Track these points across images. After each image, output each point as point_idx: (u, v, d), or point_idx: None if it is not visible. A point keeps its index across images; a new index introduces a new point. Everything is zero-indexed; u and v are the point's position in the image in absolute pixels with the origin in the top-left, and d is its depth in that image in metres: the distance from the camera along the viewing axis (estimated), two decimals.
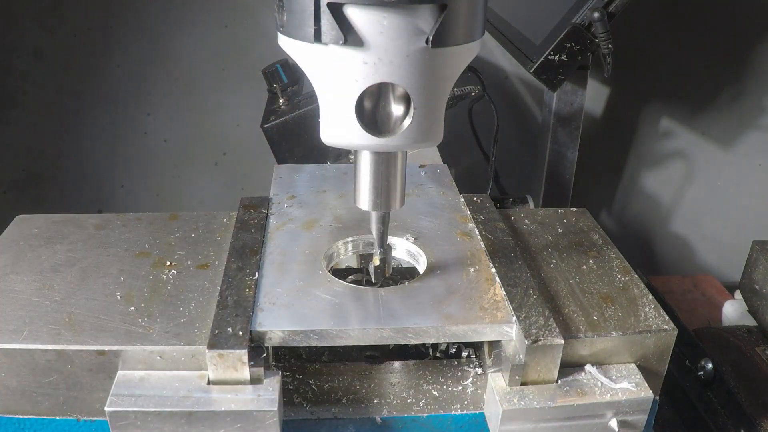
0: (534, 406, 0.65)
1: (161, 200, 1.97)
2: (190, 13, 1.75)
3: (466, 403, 0.71)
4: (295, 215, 0.89)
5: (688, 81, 1.86)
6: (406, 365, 0.76)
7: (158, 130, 1.88)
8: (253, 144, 1.76)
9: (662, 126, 1.93)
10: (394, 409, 0.70)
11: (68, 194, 1.92)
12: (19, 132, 1.82)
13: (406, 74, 0.57)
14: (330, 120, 0.61)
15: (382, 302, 0.71)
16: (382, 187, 0.67)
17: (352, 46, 0.55)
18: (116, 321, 0.69)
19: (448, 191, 0.97)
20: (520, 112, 1.92)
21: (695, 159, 1.97)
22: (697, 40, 1.82)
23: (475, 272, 0.77)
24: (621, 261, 0.83)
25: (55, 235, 0.85)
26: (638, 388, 0.67)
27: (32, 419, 0.68)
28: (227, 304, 0.69)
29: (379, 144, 0.61)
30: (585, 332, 0.69)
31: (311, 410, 0.69)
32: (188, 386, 0.64)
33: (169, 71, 1.80)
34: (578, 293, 0.76)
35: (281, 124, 1.29)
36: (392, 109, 0.61)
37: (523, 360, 0.66)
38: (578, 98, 1.46)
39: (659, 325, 0.71)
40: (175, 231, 0.87)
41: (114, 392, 0.63)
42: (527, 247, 0.85)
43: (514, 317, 0.69)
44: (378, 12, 0.54)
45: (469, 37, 0.59)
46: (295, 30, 0.57)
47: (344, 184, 0.98)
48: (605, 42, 1.15)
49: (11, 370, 0.66)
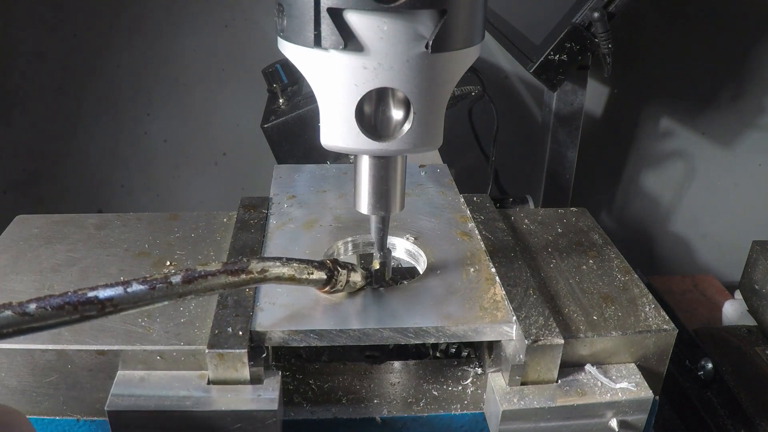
0: (534, 406, 0.65)
1: (161, 200, 1.97)
2: (190, 13, 1.75)
3: (466, 403, 0.71)
4: (295, 215, 0.89)
5: (688, 81, 1.86)
6: (406, 365, 0.76)
7: (158, 130, 1.88)
8: (253, 144, 1.77)
9: (662, 126, 1.93)
10: (394, 409, 0.70)
11: (68, 194, 1.92)
12: (19, 132, 1.82)
13: (406, 79, 0.57)
14: (330, 124, 0.61)
15: (382, 302, 0.71)
16: (382, 191, 0.67)
17: (352, 51, 0.56)
18: (116, 321, 0.69)
19: (448, 191, 0.97)
20: (520, 112, 1.92)
21: (695, 159, 1.97)
22: (697, 40, 1.82)
23: (475, 272, 0.77)
24: (621, 261, 0.83)
25: (55, 235, 0.85)
26: (638, 388, 0.67)
27: (32, 419, 0.68)
28: (227, 304, 0.69)
29: (379, 148, 0.61)
30: (585, 332, 0.69)
31: (311, 410, 0.69)
32: (188, 386, 0.64)
33: (169, 71, 1.80)
34: (578, 293, 0.76)
35: (281, 124, 1.29)
36: (392, 114, 0.61)
37: (523, 360, 0.66)
38: (578, 98, 1.46)
39: (659, 325, 0.71)
40: (175, 231, 0.87)
41: (114, 392, 0.63)
42: (527, 247, 0.85)
43: (514, 317, 0.69)
44: (378, 17, 0.54)
45: (469, 41, 0.59)
46: (295, 35, 0.57)
47: (344, 184, 0.98)
48: (605, 42, 1.15)
49: (11, 370, 0.66)
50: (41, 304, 0.50)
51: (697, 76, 1.85)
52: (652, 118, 1.91)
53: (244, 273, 0.59)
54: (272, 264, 0.62)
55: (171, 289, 0.55)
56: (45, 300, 0.50)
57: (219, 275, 0.57)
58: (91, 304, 0.52)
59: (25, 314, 0.49)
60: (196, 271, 0.56)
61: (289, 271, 0.63)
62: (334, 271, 0.67)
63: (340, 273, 0.67)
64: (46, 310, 0.50)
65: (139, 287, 0.54)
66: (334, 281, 0.67)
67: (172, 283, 0.55)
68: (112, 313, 0.53)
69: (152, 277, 0.54)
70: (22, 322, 0.50)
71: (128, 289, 0.53)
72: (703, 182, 2.00)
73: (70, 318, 0.51)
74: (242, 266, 0.59)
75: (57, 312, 0.51)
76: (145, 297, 0.54)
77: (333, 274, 0.67)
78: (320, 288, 0.68)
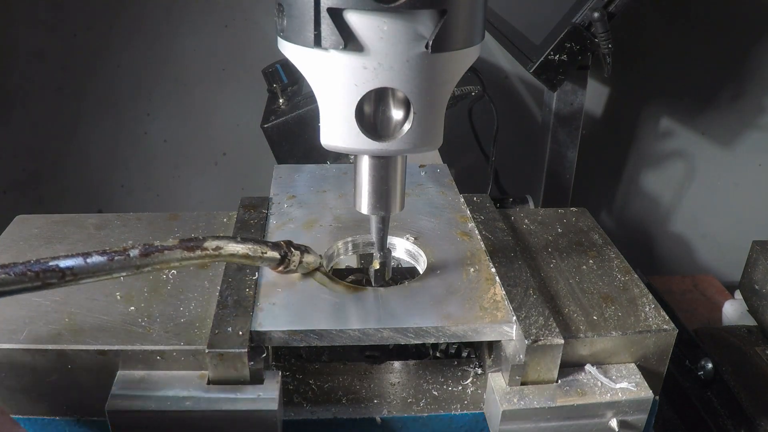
0: (534, 406, 0.65)
1: (161, 200, 1.97)
2: (190, 13, 1.75)
3: (466, 403, 0.71)
4: (295, 215, 0.89)
5: (688, 81, 1.86)
6: (406, 365, 0.76)
7: (158, 130, 1.88)
8: (253, 144, 1.77)
9: (662, 126, 1.93)
10: (394, 409, 0.70)
11: (68, 194, 1.92)
12: (19, 132, 1.82)
13: (406, 79, 0.57)
14: (330, 124, 0.61)
15: (382, 302, 0.71)
16: (382, 191, 0.67)
17: (352, 51, 0.56)
18: (116, 321, 0.69)
19: (448, 191, 0.97)
20: (520, 112, 1.92)
21: (695, 159, 1.97)
22: (697, 40, 1.82)
23: (475, 272, 0.77)
24: (621, 261, 0.83)
25: (55, 235, 0.85)
26: (638, 388, 0.67)
27: (32, 419, 0.68)
28: (227, 304, 0.69)
29: (379, 148, 0.61)
30: (585, 332, 0.69)
31: (311, 410, 0.69)
32: (188, 386, 0.64)
33: (169, 71, 1.80)
34: (578, 293, 0.76)
35: (281, 124, 1.29)
36: (392, 114, 0.61)
37: (523, 360, 0.66)
38: (578, 98, 1.46)
39: (659, 325, 0.71)
40: (175, 231, 0.87)
41: (114, 392, 0.63)
42: (527, 247, 0.85)
43: (514, 317, 0.69)
44: (378, 17, 0.54)
45: (469, 41, 0.59)
46: (295, 35, 0.57)
47: (344, 184, 0.98)
48: (605, 42, 1.15)
49: (11, 370, 0.66)
50: (5, 270, 0.52)
51: (697, 76, 1.85)
52: (652, 118, 1.91)
53: (200, 249, 0.61)
54: (227, 242, 0.63)
55: (128, 261, 0.57)
56: (8, 267, 0.53)
57: (175, 250, 0.59)
58: (53, 272, 0.54)
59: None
60: (153, 245, 0.59)
61: (243, 249, 0.65)
62: (288, 251, 0.69)
63: (293, 254, 0.70)
64: (9, 275, 0.52)
65: (99, 258, 0.56)
66: (287, 261, 0.69)
67: (130, 255, 0.57)
68: (72, 282, 0.55)
69: (111, 249, 0.57)
70: None
71: (88, 260, 0.55)
72: (703, 182, 2.00)
73: (32, 284, 0.53)
74: (198, 243, 0.61)
75: (20, 278, 0.53)
76: (103, 267, 0.56)
77: (286, 254, 0.69)
78: (274, 268, 0.70)
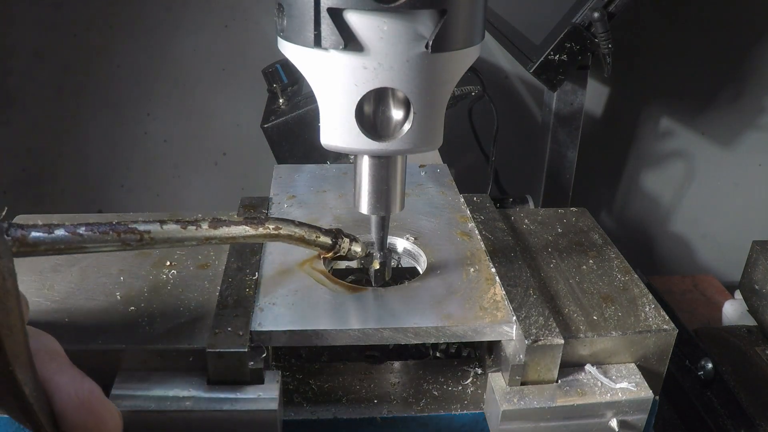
0: (534, 405, 0.65)
1: (161, 200, 1.97)
2: (190, 13, 1.75)
3: (466, 403, 0.71)
4: (295, 215, 0.89)
5: (688, 81, 1.86)
6: (406, 365, 0.76)
7: (158, 130, 1.88)
8: (253, 144, 1.77)
9: (662, 126, 1.93)
10: (394, 409, 0.70)
11: (68, 194, 1.92)
12: (19, 132, 1.82)
13: (406, 79, 0.57)
14: (329, 124, 0.61)
15: (382, 302, 0.71)
16: (382, 191, 0.67)
17: (352, 51, 0.56)
18: (116, 321, 0.69)
19: (448, 191, 0.97)
20: (520, 112, 1.92)
21: (695, 159, 1.97)
22: (697, 40, 1.82)
23: (475, 272, 0.77)
24: (621, 261, 0.83)
25: None
26: (638, 388, 0.67)
27: None
28: (227, 304, 0.69)
29: (379, 148, 0.61)
30: (585, 332, 0.69)
31: (311, 410, 0.69)
32: (188, 386, 0.64)
33: (169, 71, 1.81)
34: (578, 293, 0.76)
35: (281, 124, 1.29)
36: (392, 114, 0.61)
37: (523, 360, 0.66)
38: (578, 98, 1.46)
39: (659, 325, 0.71)
40: None
41: (114, 392, 0.63)
42: (527, 247, 0.85)
43: (514, 317, 0.69)
44: (378, 17, 0.54)
45: (469, 41, 0.59)
46: (294, 35, 0.57)
47: (344, 184, 0.98)
48: (605, 42, 1.15)
49: None
50: (90, 228, 0.57)
51: (697, 76, 1.85)
52: (652, 118, 1.91)
53: (262, 227, 0.67)
54: (286, 224, 0.70)
55: (199, 232, 0.63)
56: (94, 225, 0.57)
57: (240, 225, 0.66)
58: (132, 233, 0.59)
59: (77, 234, 0.56)
60: (221, 219, 0.65)
61: (299, 232, 0.71)
62: (338, 238, 0.75)
63: (344, 240, 0.76)
64: (94, 233, 0.57)
65: (173, 226, 0.61)
66: (337, 247, 0.75)
67: (201, 226, 0.63)
68: (148, 245, 0.60)
69: (184, 219, 0.63)
70: (74, 241, 0.56)
71: (164, 226, 0.61)
72: (703, 182, 2.00)
73: (113, 242, 0.58)
74: (261, 221, 0.68)
75: (103, 236, 0.57)
76: (176, 235, 0.61)
77: (337, 240, 0.75)
78: (325, 253, 0.76)
